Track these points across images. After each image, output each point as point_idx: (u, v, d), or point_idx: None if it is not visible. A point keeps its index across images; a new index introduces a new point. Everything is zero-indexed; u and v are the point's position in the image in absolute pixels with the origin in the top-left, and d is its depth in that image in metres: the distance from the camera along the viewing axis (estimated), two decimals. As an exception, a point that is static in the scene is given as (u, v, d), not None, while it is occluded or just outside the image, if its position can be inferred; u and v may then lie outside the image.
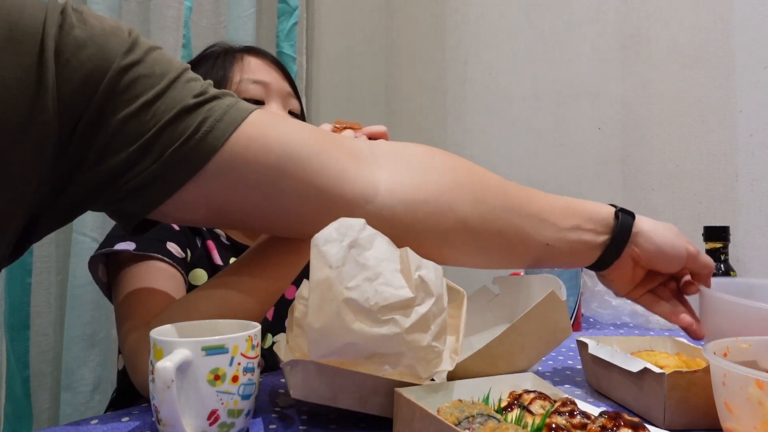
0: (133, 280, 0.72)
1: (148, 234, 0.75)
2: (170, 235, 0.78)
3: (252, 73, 0.86)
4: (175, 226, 0.80)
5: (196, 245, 0.82)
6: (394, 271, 0.51)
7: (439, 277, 0.54)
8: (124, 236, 0.75)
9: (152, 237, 0.75)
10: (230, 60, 0.87)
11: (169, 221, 0.69)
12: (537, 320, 0.55)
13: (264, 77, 0.87)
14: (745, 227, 1.10)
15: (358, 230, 0.52)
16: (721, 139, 1.14)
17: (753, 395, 0.40)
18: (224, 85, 0.84)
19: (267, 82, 0.86)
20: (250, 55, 0.89)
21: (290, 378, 0.51)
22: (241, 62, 0.87)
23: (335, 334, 0.48)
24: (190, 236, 0.82)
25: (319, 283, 0.48)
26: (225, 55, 0.89)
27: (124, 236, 0.75)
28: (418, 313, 0.50)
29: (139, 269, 0.72)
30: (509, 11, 1.47)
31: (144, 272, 0.72)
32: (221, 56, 0.88)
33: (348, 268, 0.49)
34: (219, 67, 0.86)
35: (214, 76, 0.85)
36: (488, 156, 1.50)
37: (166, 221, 0.64)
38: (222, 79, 0.85)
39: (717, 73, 1.15)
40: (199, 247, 0.82)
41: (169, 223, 0.76)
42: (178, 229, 0.80)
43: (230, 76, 0.85)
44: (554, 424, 0.43)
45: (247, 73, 0.86)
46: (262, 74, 0.87)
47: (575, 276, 1.04)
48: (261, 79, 0.86)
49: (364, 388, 0.50)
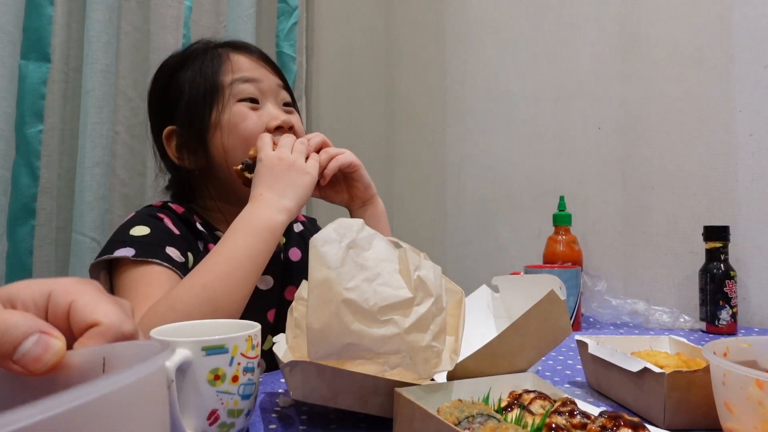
0: (132, 284, 0.72)
1: (147, 239, 0.75)
2: (170, 239, 0.78)
3: (241, 72, 0.86)
4: (175, 230, 0.80)
5: (199, 249, 0.82)
6: (392, 271, 0.51)
7: (438, 277, 0.54)
8: (124, 242, 0.75)
9: (151, 242, 0.76)
10: (217, 60, 0.86)
11: None
12: (537, 320, 0.54)
13: (254, 74, 0.86)
14: (745, 227, 1.10)
15: (356, 230, 0.52)
16: (721, 139, 1.14)
17: (753, 395, 0.40)
18: (216, 90, 0.84)
19: (257, 78, 0.86)
20: (237, 52, 0.88)
21: (290, 379, 0.51)
22: (229, 62, 0.86)
23: (335, 335, 0.48)
24: (192, 241, 0.82)
25: (318, 283, 0.48)
26: (209, 53, 0.87)
27: (124, 242, 0.75)
28: (417, 313, 0.50)
29: (139, 274, 0.73)
30: (509, 11, 1.47)
31: (143, 276, 0.72)
32: (207, 55, 0.87)
33: (347, 269, 0.49)
34: (207, 68, 0.85)
35: (204, 78, 0.84)
36: (488, 156, 1.50)
37: None
38: (213, 84, 0.84)
39: (717, 73, 1.15)
40: (201, 251, 0.82)
41: None
42: (179, 233, 0.80)
43: (220, 79, 0.84)
44: (554, 424, 0.43)
45: (237, 72, 0.85)
46: (251, 71, 0.86)
47: (575, 276, 1.04)
48: (251, 77, 0.85)
49: (364, 388, 0.50)
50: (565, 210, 1.19)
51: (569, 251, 1.15)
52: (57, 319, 0.31)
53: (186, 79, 0.85)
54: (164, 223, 0.80)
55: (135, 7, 1.21)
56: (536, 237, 1.39)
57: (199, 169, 0.87)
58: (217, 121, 0.83)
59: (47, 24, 1.11)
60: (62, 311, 0.31)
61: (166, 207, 0.85)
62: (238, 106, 0.84)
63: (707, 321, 1.01)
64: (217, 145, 0.83)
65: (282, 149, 0.78)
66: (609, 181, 1.29)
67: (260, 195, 0.74)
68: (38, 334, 0.27)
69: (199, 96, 0.84)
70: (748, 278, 1.10)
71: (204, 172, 0.87)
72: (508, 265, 1.44)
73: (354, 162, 0.84)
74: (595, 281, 1.15)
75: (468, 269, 1.54)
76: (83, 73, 1.16)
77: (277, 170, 0.76)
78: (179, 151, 0.86)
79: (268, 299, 0.86)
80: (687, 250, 1.17)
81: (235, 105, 0.84)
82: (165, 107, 0.88)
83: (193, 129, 0.84)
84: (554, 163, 1.38)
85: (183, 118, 0.85)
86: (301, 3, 1.57)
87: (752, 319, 1.10)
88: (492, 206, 1.49)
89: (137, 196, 1.19)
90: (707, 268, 1.03)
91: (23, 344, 0.27)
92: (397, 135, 1.75)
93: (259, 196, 0.74)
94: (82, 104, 1.16)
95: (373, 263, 0.51)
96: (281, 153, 0.77)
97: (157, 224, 0.79)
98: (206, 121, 0.83)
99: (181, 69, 0.88)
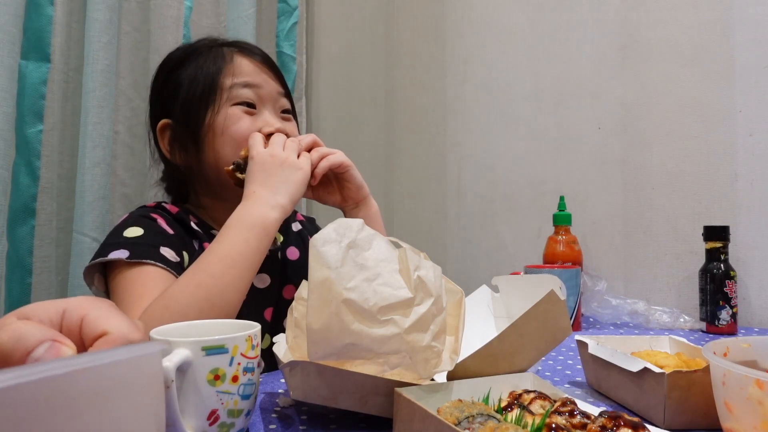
0: (127, 285, 0.72)
1: (141, 240, 0.75)
2: (164, 240, 0.78)
3: (242, 76, 0.85)
4: (169, 230, 0.80)
5: (194, 248, 0.82)
6: (392, 271, 0.51)
7: (438, 277, 0.54)
8: (118, 243, 0.75)
9: (145, 243, 0.76)
10: (220, 60, 0.86)
11: None
12: (537, 320, 0.54)
13: (254, 79, 0.86)
14: (745, 227, 1.10)
15: (356, 230, 0.52)
16: (721, 139, 1.14)
17: (753, 395, 0.40)
18: (214, 91, 0.83)
19: (258, 84, 0.85)
20: (241, 54, 0.87)
21: (290, 379, 0.51)
22: (231, 64, 0.85)
23: (335, 335, 0.48)
24: (187, 239, 0.82)
25: (318, 283, 0.48)
26: (213, 51, 0.87)
27: (118, 243, 0.75)
28: (417, 313, 0.50)
29: (134, 275, 0.73)
30: (509, 11, 1.47)
31: (138, 278, 0.72)
32: (210, 54, 0.86)
33: (347, 269, 0.49)
34: (209, 67, 0.85)
35: (204, 77, 0.84)
36: (488, 156, 1.50)
37: None
38: (212, 83, 0.84)
39: (717, 73, 1.15)
40: (197, 249, 0.82)
41: None
42: (173, 233, 0.80)
43: (220, 80, 0.84)
44: (554, 424, 0.43)
45: (238, 77, 0.85)
46: (252, 76, 0.86)
47: (575, 276, 1.04)
48: (252, 82, 0.85)
49: (364, 388, 0.50)
50: (565, 210, 1.19)
51: (569, 251, 1.15)
52: (71, 334, 0.32)
53: (186, 76, 0.85)
54: (158, 223, 0.80)
55: (135, 7, 1.21)
56: (536, 237, 1.39)
57: (185, 167, 0.87)
58: (212, 121, 0.83)
59: (47, 24, 1.11)
60: (75, 326, 0.32)
61: (160, 207, 0.85)
62: (233, 109, 0.83)
63: (707, 321, 1.01)
64: (209, 145, 0.83)
65: (273, 146, 0.78)
66: (609, 181, 1.29)
67: (253, 192, 0.74)
68: (50, 342, 0.28)
69: (196, 94, 0.84)
70: (748, 278, 1.10)
71: (192, 170, 0.87)
72: (508, 265, 1.44)
73: (345, 162, 0.84)
74: (595, 281, 1.15)
75: (468, 269, 1.54)
76: (83, 73, 1.16)
77: (269, 167, 0.75)
78: (171, 145, 0.87)
79: (265, 297, 0.86)
80: (687, 250, 1.17)
81: (230, 108, 0.83)
82: (163, 99, 0.88)
83: (187, 126, 0.84)
84: (554, 163, 1.38)
85: (178, 114, 0.85)
86: (301, 3, 1.57)
87: (752, 319, 1.10)
88: (492, 206, 1.49)
89: (137, 196, 1.19)
90: (707, 268, 1.03)
91: (36, 351, 0.28)
92: (397, 135, 1.75)
93: (252, 193, 0.74)
94: (83, 104, 1.16)
95: (373, 263, 0.51)
96: (273, 150, 0.77)
97: (151, 225, 0.79)
98: (201, 121, 0.83)
99: (183, 63, 0.87)
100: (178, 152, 0.86)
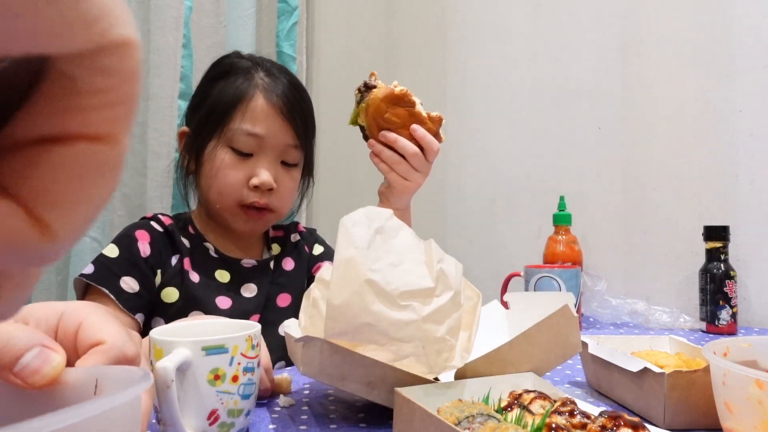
0: None
1: (110, 263, 0.78)
2: (130, 268, 0.79)
3: (251, 122, 0.82)
4: (147, 251, 0.81)
5: (170, 265, 0.83)
6: (417, 260, 0.53)
7: (459, 273, 0.55)
8: (97, 259, 0.79)
9: (111, 268, 0.78)
10: (242, 91, 0.83)
11: None
12: (549, 331, 0.55)
13: (261, 129, 0.83)
14: (745, 227, 1.10)
15: (385, 218, 0.54)
16: (721, 138, 1.14)
17: (753, 395, 0.40)
18: (226, 120, 0.83)
19: (262, 135, 0.83)
20: (263, 93, 0.84)
21: (304, 354, 0.51)
22: (247, 103, 0.83)
23: (354, 313, 0.49)
24: (165, 256, 0.83)
25: (344, 261, 0.49)
26: (248, 76, 0.85)
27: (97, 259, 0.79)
28: (437, 303, 0.51)
29: (92, 297, 0.77)
30: (509, 11, 1.47)
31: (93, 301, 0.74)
32: (240, 78, 0.85)
33: (373, 251, 0.51)
34: (229, 96, 0.83)
35: (223, 103, 0.83)
36: (488, 156, 1.50)
37: None
38: (224, 115, 0.83)
39: (717, 73, 1.15)
40: (173, 265, 0.83)
41: None
42: (149, 254, 0.81)
43: (233, 114, 0.83)
44: (554, 423, 0.43)
45: (247, 122, 0.82)
46: (260, 125, 0.83)
47: (575, 276, 1.04)
48: (257, 132, 0.83)
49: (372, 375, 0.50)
50: (565, 210, 1.19)
51: (569, 251, 1.15)
52: (66, 338, 0.31)
53: (213, 94, 0.85)
54: (137, 245, 0.81)
55: (135, 7, 1.21)
56: (536, 237, 1.39)
57: (193, 175, 0.89)
58: (211, 154, 0.84)
59: (47, 24, 1.11)
60: (71, 331, 0.31)
61: (155, 219, 0.87)
62: (229, 154, 0.83)
63: (707, 321, 1.01)
64: (204, 174, 0.85)
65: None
66: (609, 181, 1.29)
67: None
68: (39, 347, 0.28)
69: (210, 119, 0.84)
70: (748, 278, 1.10)
71: (197, 181, 0.89)
72: (508, 264, 1.44)
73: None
74: (595, 281, 1.15)
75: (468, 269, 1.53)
76: (83, 73, 1.16)
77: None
78: (183, 152, 0.90)
79: (251, 305, 0.88)
80: (687, 250, 1.17)
81: (227, 151, 0.83)
82: (192, 104, 0.91)
83: (194, 146, 0.86)
84: (554, 163, 1.38)
85: (192, 128, 0.87)
86: (301, 3, 1.57)
87: (752, 319, 1.10)
88: (492, 206, 1.49)
89: (137, 196, 1.19)
90: (707, 268, 1.03)
91: (24, 356, 0.27)
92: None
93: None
94: (83, 104, 1.16)
95: (399, 250, 0.52)
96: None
97: (129, 247, 0.81)
98: (204, 147, 0.85)
99: (214, 68, 0.89)
100: (188, 161, 0.88)
